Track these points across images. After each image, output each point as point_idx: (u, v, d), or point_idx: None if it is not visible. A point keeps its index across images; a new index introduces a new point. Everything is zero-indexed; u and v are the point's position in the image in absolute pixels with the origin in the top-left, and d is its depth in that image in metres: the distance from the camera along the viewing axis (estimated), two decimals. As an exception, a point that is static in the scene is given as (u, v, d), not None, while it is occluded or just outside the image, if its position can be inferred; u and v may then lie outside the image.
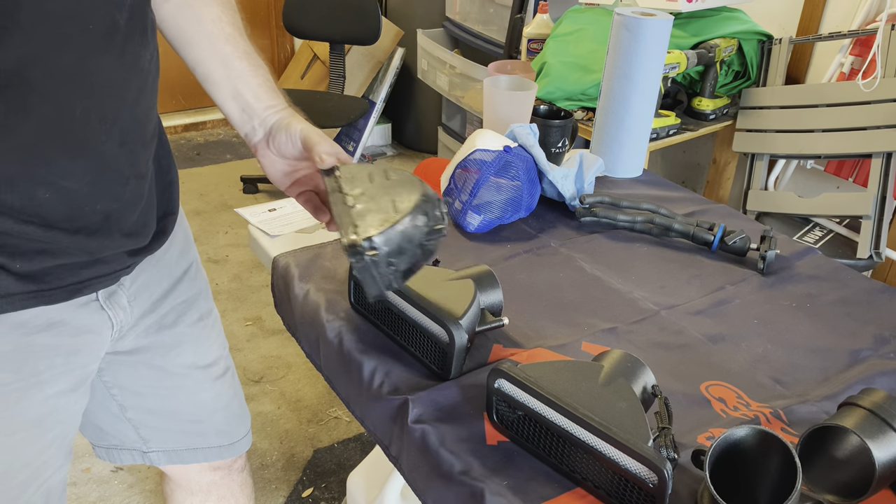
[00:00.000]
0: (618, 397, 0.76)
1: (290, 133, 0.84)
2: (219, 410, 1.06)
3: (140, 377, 0.97)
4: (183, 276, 0.97)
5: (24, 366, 0.77)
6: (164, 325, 0.95)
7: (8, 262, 0.71)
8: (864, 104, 1.90)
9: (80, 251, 0.76)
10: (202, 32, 0.86)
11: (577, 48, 2.08)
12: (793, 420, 0.85)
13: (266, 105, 0.86)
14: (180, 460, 1.06)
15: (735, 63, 2.18)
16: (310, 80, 3.57)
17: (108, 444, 1.03)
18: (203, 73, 0.87)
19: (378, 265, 0.70)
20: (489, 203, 1.17)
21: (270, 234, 1.18)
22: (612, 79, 1.38)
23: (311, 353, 1.04)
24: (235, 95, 0.86)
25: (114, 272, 0.81)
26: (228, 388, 1.07)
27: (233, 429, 1.09)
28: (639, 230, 1.23)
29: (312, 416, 2.00)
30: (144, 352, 0.94)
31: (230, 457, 1.11)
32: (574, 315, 1.02)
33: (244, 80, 0.86)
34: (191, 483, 1.13)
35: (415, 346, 0.90)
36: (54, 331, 0.78)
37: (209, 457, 1.08)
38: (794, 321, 1.03)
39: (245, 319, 2.37)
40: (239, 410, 1.10)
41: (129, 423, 1.00)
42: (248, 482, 1.20)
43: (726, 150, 2.34)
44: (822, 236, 2.04)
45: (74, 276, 0.77)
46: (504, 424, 0.81)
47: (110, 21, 0.69)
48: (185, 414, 1.03)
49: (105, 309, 0.84)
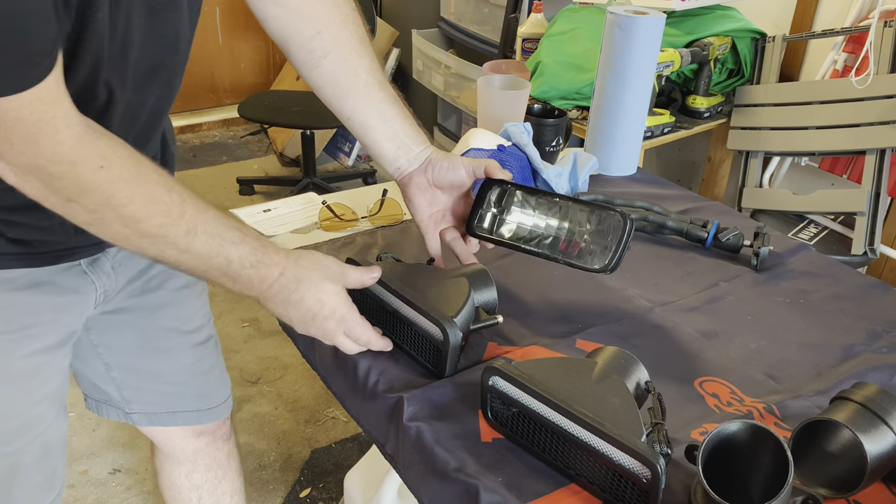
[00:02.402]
0: (611, 393, 0.76)
1: (453, 161, 0.94)
2: (198, 375, 1.11)
3: (124, 337, 1.02)
4: None
5: (13, 319, 0.83)
6: (148, 289, 1.01)
7: (3, 228, 0.78)
8: (857, 101, 1.91)
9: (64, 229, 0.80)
10: (359, 83, 0.93)
11: (572, 47, 2.09)
12: (786, 415, 0.85)
13: (420, 141, 0.95)
14: (159, 422, 1.11)
15: (729, 61, 2.18)
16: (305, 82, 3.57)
17: (97, 397, 1.09)
18: (360, 120, 0.94)
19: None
20: (483, 202, 1.17)
21: (266, 235, 1.19)
22: (605, 77, 1.38)
23: (307, 353, 1.04)
24: (391, 136, 0.94)
25: (98, 242, 0.85)
26: (210, 356, 1.13)
27: (211, 393, 1.14)
28: (633, 228, 1.23)
29: (310, 417, 2.00)
30: (129, 312, 1.00)
31: (208, 421, 1.15)
32: (568, 313, 1.02)
33: (398, 122, 0.94)
34: (177, 451, 1.18)
35: (409, 344, 0.90)
36: (40, 289, 0.84)
37: (188, 420, 1.13)
38: (788, 317, 1.04)
39: (242, 321, 2.37)
40: (219, 378, 1.15)
41: (113, 382, 1.06)
42: (234, 453, 1.24)
43: (721, 147, 2.34)
44: (817, 233, 2.04)
45: (61, 245, 0.83)
46: (499, 421, 0.81)
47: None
48: (164, 375, 1.08)
49: (88, 273, 0.89)
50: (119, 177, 0.66)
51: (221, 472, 1.22)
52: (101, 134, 0.67)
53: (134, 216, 0.68)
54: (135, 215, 0.68)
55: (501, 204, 0.96)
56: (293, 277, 0.79)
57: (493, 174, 0.94)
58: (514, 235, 0.96)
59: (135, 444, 1.91)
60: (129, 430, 1.94)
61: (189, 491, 1.21)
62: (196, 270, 0.74)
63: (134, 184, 0.67)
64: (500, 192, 0.96)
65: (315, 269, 0.80)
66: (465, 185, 0.95)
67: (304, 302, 0.79)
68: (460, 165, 0.93)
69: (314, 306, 0.80)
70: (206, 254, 0.72)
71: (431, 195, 0.96)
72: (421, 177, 0.95)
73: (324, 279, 0.80)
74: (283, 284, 0.78)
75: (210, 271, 0.74)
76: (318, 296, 0.80)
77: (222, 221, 0.74)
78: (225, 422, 1.20)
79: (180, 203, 0.70)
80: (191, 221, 0.71)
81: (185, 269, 0.74)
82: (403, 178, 0.96)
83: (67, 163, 0.64)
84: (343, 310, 0.82)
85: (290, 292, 0.79)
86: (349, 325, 0.83)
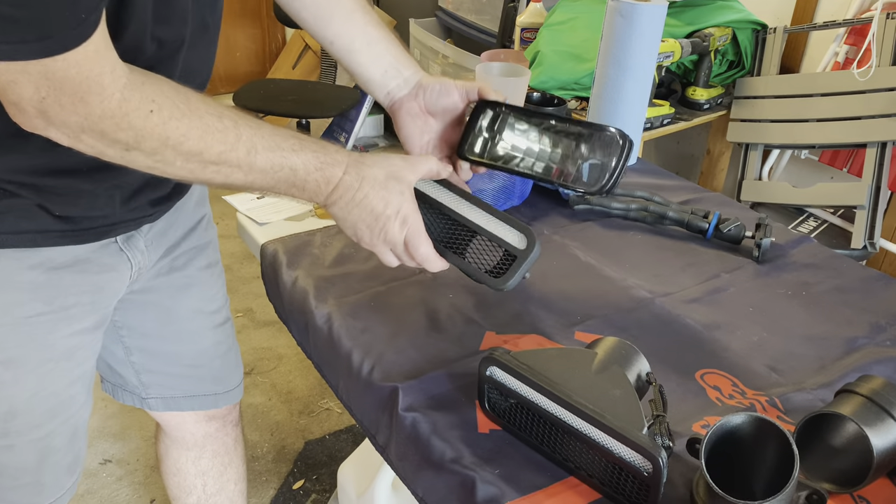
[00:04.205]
0: (612, 385, 0.74)
1: (445, 84, 0.89)
2: (217, 357, 1.11)
3: (148, 317, 1.02)
4: (196, 226, 1.02)
5: (55, 298, 0.83)
6: (175, 268, 1.00)
7: (49, 205, 0.77)
8: (859, 93, 1.89)
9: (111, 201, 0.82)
10: (340, 8, 0.90)
11: (571, 37, 2.06)
12: (789, 408, 0.84)
13: (409, 65, 0.91)
14: (177, 407, 1.10)
15: (729, 52, 2.16)
16: (301, 70, 3.54)
17: (113, 381, 1.09)
18: (343, 45, 0.91)
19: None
20: (481, 191, 1.15)
21: (259, 222, 1.16)
22: (605, 65, 1.36)
23: (301, 341, 1.02)
24: (377, 60, 0.90)
25: (137, 218, 0.87)
26: (227, 337, 1.12)
27: (228, 376, 1.13)
28: (633, 218, 1.21)
29: (304, 408, 1.98)
30: (155, 291, 1.00)
31: (225, 404, 1.14)
32: (567, 303, 1.00)
33: (384, 44, 0.91)
34: (186, 436, 1.16)
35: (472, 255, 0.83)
36: (80, 267, 0.84)
37: (205, 404, 1.12)
38: (790, 309, 1.02)
39: (236, 311, 2.34)
40: (235, 360, 1.15)
41: (132, 367, 1.05)
42: (241, 439, 1.24)
43: (720, 140, 2.32)
44: (817, 226, 2.03)
45: (103, 220, 0.83)
46: (496, 413, 0.79)
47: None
48: (185, 357, 1.07)
49: (124, 251, 0.89)
50: (171, 116, 0.66)
51: (228, 457, 1.21)
52: (146, 77, 0.66)
53: (193, 150, 0.68)
54: (194, 149, 0.68)
55: (494, 127, 0.91)
56: (357, 175, 0.76)
57: (486, 95, 0.90)
58: (506, 158, 0.91)
59: (126, 434, 1.88)
60: (120, 420, 1.92)
61: (195, 477, 1.20)
62: (265, 186, 0.74)
63: (186, 119, 0.67)
64: (493, 115, 0.91)
65: (380, 165, 0.78)
66: (459, 108, 0.91)
67: (368, 200, 0.77)
68: (453, 88, 0.89)
69: (378, 205, 0.77)
70: (270, 168, 0.72)
71: (423, 122, 0.91)
72: (412, 102, 0.90)
73: (389, 176, 0.78)
74: (348, 184, 0.76)
75: (279, 185, 0.74)
76: (383, 193, 0.77)
77: (279, 133, 0.73)
78: (235, 406, 1.19)
79: (234, 127, 0.70)
80: (248, 142, 0.70)
81: (256, 188, 0.74)
82: (394, 105, 0.91)
83: (119, 115, 0.63)
84: (408, 210, 0.78)
85: (355, 191, 0.76)
86: (411, 230, 0.79)
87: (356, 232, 0.79)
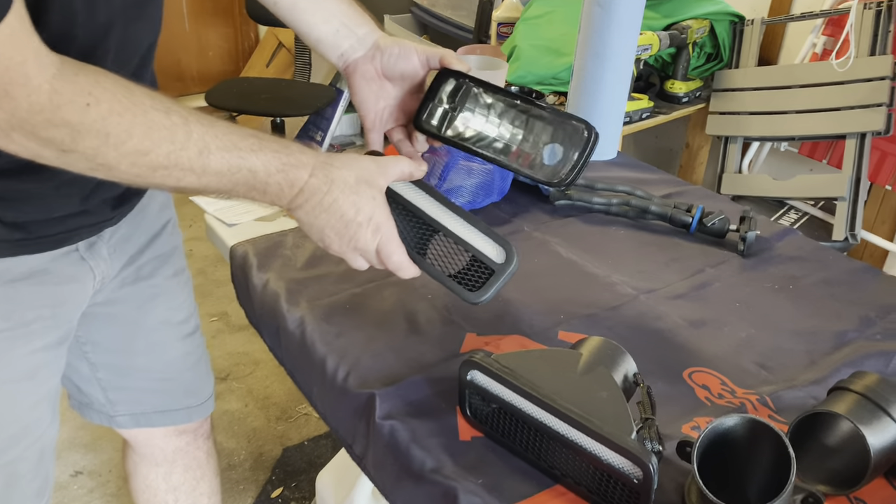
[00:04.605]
0: (598, 387, 0.71)
1: (405, 48, 0.82)
2: (188, 369, 1.06)
3: (113, 331, 0.96)
4: (161, 231, 0.97)
5: (11, 314, 0.77)
6: (140, 277, 0.95)
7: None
8: (837, 84, 1.88)
9: (68, 201, 0.76)
10: None
11: (548, 31, 2.03)
12: (780, 407, 0.81)
13: (363, 23, 0.84)
14: (148, 423, 1.05)
15: (707, 45, 2.14)
16: (275, 69, 3.48)
17: (79, 399, 1.03)
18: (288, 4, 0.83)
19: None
20: (460, 187, 1.12)
21: (228, 223, 1.12)
22: (584, 57, 1.33)
23: (273, 347, 0.98)
24: (327, 18, 0.83)
25: (97, 223, 0.82)
26: (197, 348, 1.07)
27: (199, 388, 1.09)
28: (614, 213, 1.18)
29: (281, 414, 1.94)
30: (120, 303, 0.94)
31: (198, 418, 1.10)
32: (550, 301, 0.97)
33: (335, 3, 0.84)
34: (155, 452, 1.11)
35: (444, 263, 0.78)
36: (38, 279, 0.78)
37: (177, 419, 1.07)
38: (777, 304, 1.00)
39: (210, 315, 2.29)
40: (206, 371, 1.10)
41: (99, 384, 1.00)
42: (213, 452, 1.19)
43: (699, 133, 2.31)
44: (798, 219, 2.02)
45: (60, 226, 0.77)
46: (478, 419, 0.76)
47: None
48: (154, 371, 1.02)
49: (86, 259, 0.83)
50: (110, 111, 0.59)
51: (200, 471, 1.16)
52: (80, 68, 0.59)
53: (138, 150, 0.61)
54: (139, 149, 0.61)
55: (455, 99, 0.84)
56: (325, 178, 0.70)
57: (449, 64, 0.82)
58: (465, 135, 0.85)
59: (97, 445, 1.83)
60: (91, 431, 1.86)
61: (166, 493, 1.15)
62: (222, 190, 0.67)
63: (129, 115, 0.60)
64: (455, 86, 0.84)
65: (349, 168, 0.72)
66: (418, 75, 0.84)
67: (337, 205, 0.71)
68: (413, 52, 0.82)
69: (349, 211, 0.71)
70: (226, 170, 0.65)
71: (379, 86, 0.84)
72: (368, 65, 0.83)
73: (360, 180, 0.72)
74: (315, 187, 0.70)
75: (237, 188, 0.67)
76: (354, 198, 0.71)
77: (235, 131, 0.66)
78: (207, 419, 1.14)
79: (184, 124, 0.63)
80: (200, 140, 0.63)
81: (212, 192, 0.67)
82: (348, 67, 0.84)
83: (50, 109, 0.56)
84: (381, 217, 0.73)
85: (323, 195, 0.70)
86: (384, 237, 0.73)
87: (323, 238, 0.74)
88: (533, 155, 0.84)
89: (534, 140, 0.83)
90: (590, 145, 0.81)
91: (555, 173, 0.82)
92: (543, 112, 0.83)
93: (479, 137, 0.85)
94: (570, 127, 0.82)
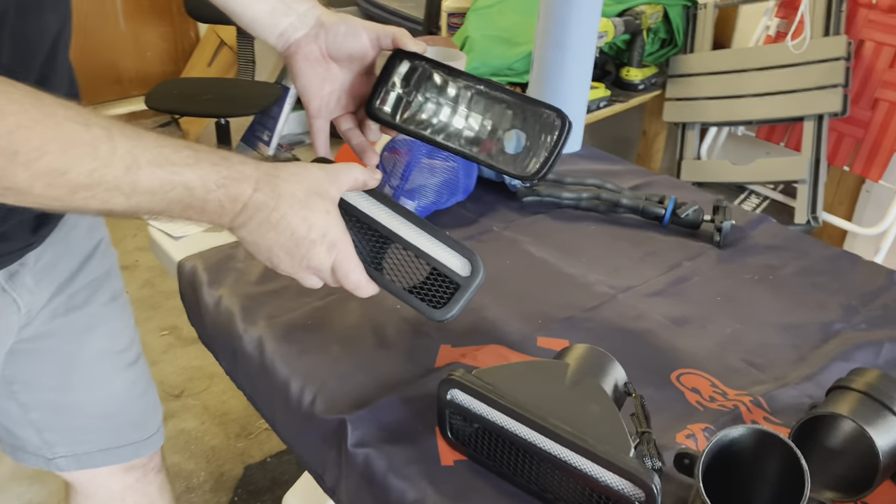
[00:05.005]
0: (589, 400, 0.66)
1: (352, 26, 0.74)
2: (133, 401, 0.96)
3: (46, 368, 0.87)
4: (93, 253, 0.88)
5: None
6: (73, 306, 0.85)
7: None
8: (793, 66, 1.87)
9: None
10: None
11: (501, 20, 1.98)
12: (775, 408, 0.77)
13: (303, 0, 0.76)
14: (91, 463, 0.95)
15: (661, 30, 2.12)
16: (217, 68, 3.36)
17: (11, 442, 0.93)
18: None
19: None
20: (423, 187, 1.05)
21: (174, 236, 1.03)
22: (544, 47, 1.28)
23: (230, 370, 0.90)
24: None
25: (17, 249, 0.73)
26: (142, 376, 0.98)
27: (147, 420, 0.99)
28: (584, 207, 1.13)
29: (241, 430, 1.85)
30: (52, 337, 0.85)
31: (147, 453, 1.00)
32: (525, 305, 0.91)
33: None
34: (101, 493, 1.01)
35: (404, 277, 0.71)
36: None
37: (124, 456, 0.97)
38: (759, 296, 0.96)
39: (160, 329, 2.18)
40: (153, 401, 1.01)
41: (32, 425, 0.90)
42: (166, 486, 1.09)
43: (656, 121, 2.28)
44: (759, 204, 2.01)
45: None
46: (460, 441, 0.70)
47: None
48: (95, 407, 0.92)
49: (8, 291, 0.75)
50: (18, 124, 0.50)
51: None
52: None
53: (54, 169, 0.52)
54: (55, 167, 0.52)
55: (411, 84, 0.77)
56: (271, 193, 0.62)
57: (403, 45, 0.75)
58: (423, 123, 0.78)
59: (44, 476, 1.71)
60: (37, 459, 1.74)
61: None
62: (155, 210, 0.59)
63: (40, 128, 0.51)
64: (410, 69, 0.77)
65: (297, 179, 0.64)
66: (368, 56, 0.76)
67: (286, 222, 0.63)
68: (361, 31, 0.75)
69: (300, 228, 0.63)
70: (158, 187, 0.57)
71: (325, 69, 0.76)
72: (311, 45, 0.75)
73: (310, 193, 0.64)
74: (260, 203, 0.62)
75: (171, 207, 0.59)
76: (304, 213, 0.63)
77: (167, 143, 0.58)
78: (157, 451, 1.05)
79: (107, 137, 0.54)
80: (127, 155, 0.55)
81: (144, 212, 0.59)
82: (290, 48, 0.76)
83: None
84: (335, 233, 0.65)
85: (270, 211, 0.62)
86: (340, 255, 0.66)
87: (271, 258, 0.66)
88: (501, 146, 0.77)
89: (501, 129, 0.77)
90: (563, 135, 0.74)
91: (526, 166, 0.75)
92: (511, 98, 0.76)
93: (440, 126, 0.78)
94: (540, 115, 0.75)
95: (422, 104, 0.78)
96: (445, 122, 0.78)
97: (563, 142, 0.74)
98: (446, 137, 0.77)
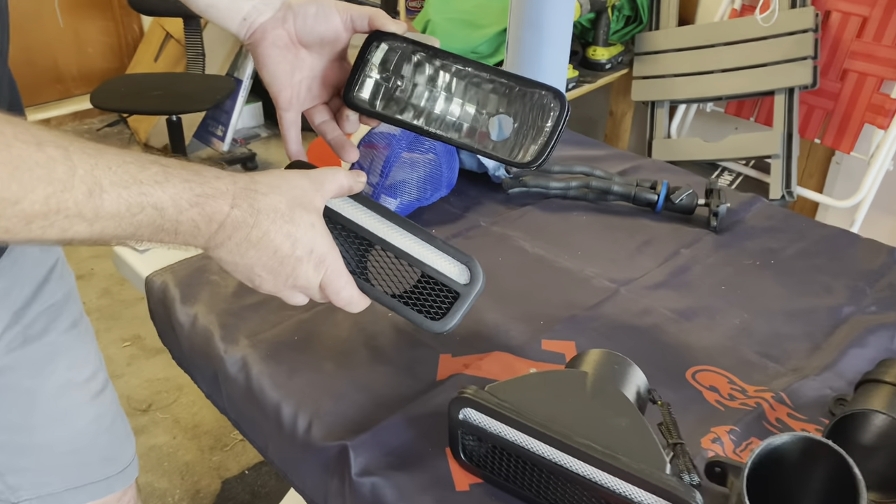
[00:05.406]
0: (613, 411, 0.61)
1: (323, 6, 0.68)
2: (102, 433, 0.88)
3: (3, 406, 0.78)
4: (49, 276, 0.79)
5: None
6: (30, 337, 0.77)
7: None
8: (762, 40, 1.85)
9: None
10: None
11: (461, 3, 1.92)
12: (798, 403, 0.73)
13: None
14: None
15: (626, 7, 2.08)
16: (165, 63, 3.22)
17: None
18: None
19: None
20: (404, 182, 0.99)
21: (138, 249, 0.95)
22: (519, 28, 1.22)
23: (212, 394, 0.83)
24: None
25: None
26: (110, 406, 0.89)
27: (119, 452, 0.91)
28: (573, 196, 1.08)
29: (215, 442, 1.77)
30: (9, 372, 0.76)
31: (120, 488, 0.91)
32: (524, 305, 0.86)
33: None
34: None
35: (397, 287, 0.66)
36: None
37: (96, 493, 0.88)
38: (763, 282, 0.92)
39: (122, 340, 2.08)
40: (124, 430, 0.92)
41: None
42: None
43: (623, 100, 2.25)
44: (732, 180, 1.99)
45: None
46: (474, 462, 0.64)
47: None
48: (62, 444, 0.84)
49: None
50: None
51: None
52: None
53: (4, 198, 0.45)
54: (4, 197, 0.45)
55: (390, 68, 0.71)
56: (250, 209, 0.56)
57: (382, 25, 0.69)
58: (406, 109, 0.72)
59: None
60: None
61: None
62: (122, 235, 0.52)
63: None
64: (389, 52, 0.70)
65: (278, 191, 0.58)
66: (341, 40, 0.70)
67: (268, 239, 0.57)
68: (333, 12, 0.68)
69: (283, 245, 0.58)
70: (125, 211, 0.50)
71: (294, 55, 0.70)
72: (278, 29, 0.69)
73: (294, 205, 0.58)
74: (238, 220, 0.56)
75: (140, 231, 0.52)
76: (288, 229, 0.58)
77: (132, 159, 0.51)
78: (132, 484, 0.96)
79: (64, 157, 0.47)
80: (88, 177, 0.48)
81: (109, 238, 0.52)
82: (255, 34, 0.69)
83: None
84: (323, 248, 0.60)
85: (250, 228, 0.56)
86: (330, 272, 0.60)
87: (253, 278, 0.60)
88: (493, 132, 0.71)
89: (494, 114, 0.70)
90: (563, 118, 0.68)
91: (523, 153, 0.69)
92: (503, 79, 0.69)
93: (424, 113, 0.71)
94: (536, 96, 0.68)
95: (404, 89, 0.71)
96: (432, 107, 0.71)
97: (563, 125, 0.68)
98: (434, 125, 0.71)
